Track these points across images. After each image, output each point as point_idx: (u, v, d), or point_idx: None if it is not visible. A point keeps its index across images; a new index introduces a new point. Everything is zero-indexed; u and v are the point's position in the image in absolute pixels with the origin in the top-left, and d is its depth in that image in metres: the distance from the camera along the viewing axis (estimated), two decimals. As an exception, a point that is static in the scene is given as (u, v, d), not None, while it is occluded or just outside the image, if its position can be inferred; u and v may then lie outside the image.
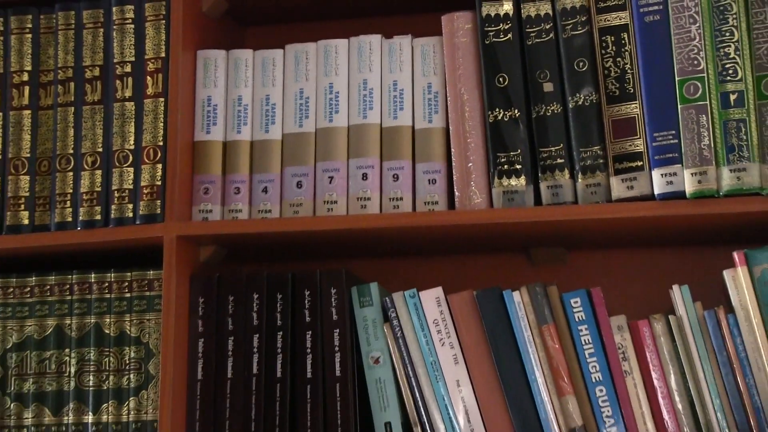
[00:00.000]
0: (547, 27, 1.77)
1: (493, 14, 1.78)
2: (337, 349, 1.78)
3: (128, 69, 1.88)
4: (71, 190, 1.88)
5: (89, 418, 1.85)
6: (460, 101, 1.80)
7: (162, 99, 1.86)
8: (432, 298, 1.77)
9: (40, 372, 1.88)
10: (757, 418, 1.64)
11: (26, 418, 1.88)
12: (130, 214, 1.86)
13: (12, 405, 1.88)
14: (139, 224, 1.85)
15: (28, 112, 1.92)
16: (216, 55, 1.89)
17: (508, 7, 1.78)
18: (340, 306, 1.79)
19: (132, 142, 1.87)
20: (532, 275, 1.93)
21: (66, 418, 1.86)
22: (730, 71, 1.68)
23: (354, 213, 1.82)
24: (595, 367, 1.70)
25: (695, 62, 1.69)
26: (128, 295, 1.87)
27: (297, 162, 1.86)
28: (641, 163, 1.71)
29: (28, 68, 1.93)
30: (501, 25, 1.79)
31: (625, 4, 1.74)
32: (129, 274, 1.87)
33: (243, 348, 1.82)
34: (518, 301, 1.73)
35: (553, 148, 1.75)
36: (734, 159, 1.66)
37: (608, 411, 1.69)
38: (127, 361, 1.86)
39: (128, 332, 1.86)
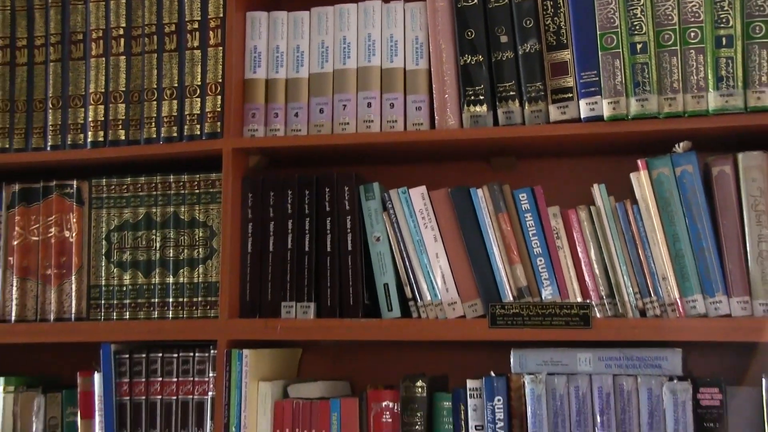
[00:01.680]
0: (504, -6, 1.91)
1: (463, -16, 1.92)
2: (349, 230, 1.97)
3: (196, 26, 2.04)
4: (155, 115, 2.06)
5: (170, 279, 2.05)
6: (439, 49, 1.97)
7: (221, 48, 2.03)
8: (418, 194, 1.95)
9: (134, 246, 2.06)
10: (652, 279, 1.84)
11: (125, 279, 2.08)
12: (198, 132, 2.03)
13: (115, 270, 2.08)
14: (204, 140, 2.02)
15: (124, 57, 2.09)
16: (260, 16, 2.06)
17: (475, -20, 1.90)
18: (351, 199, 1.97)
19: (199, 79, 2.04)
20: (491, 177, 2.05)
21: (153, 279, 2.05)
22: (637, 27, 1.84)
23: (361, 132, 1.98)
24: (536, 243, 1.89)
25: (612, 20, 1.86)
26: (197, 191, 2.04)
27: (319, 94, 2.02)
28: (571, 95, 1.88)
29: (123, 25, 2.09)
30: (470, -8, 1.93)
31: (561, -23, 1.88)
32: (198, 176, 2.05)
33: (280, 230, 1.99)
34: (481, 196, 1.91)
35: (507, 84, 1.92)
36: (639, 92, 1.83)
37: (546, 275, 1.89)
38: (197, 239, 2.03)
39: (197, 218, 2.04)
